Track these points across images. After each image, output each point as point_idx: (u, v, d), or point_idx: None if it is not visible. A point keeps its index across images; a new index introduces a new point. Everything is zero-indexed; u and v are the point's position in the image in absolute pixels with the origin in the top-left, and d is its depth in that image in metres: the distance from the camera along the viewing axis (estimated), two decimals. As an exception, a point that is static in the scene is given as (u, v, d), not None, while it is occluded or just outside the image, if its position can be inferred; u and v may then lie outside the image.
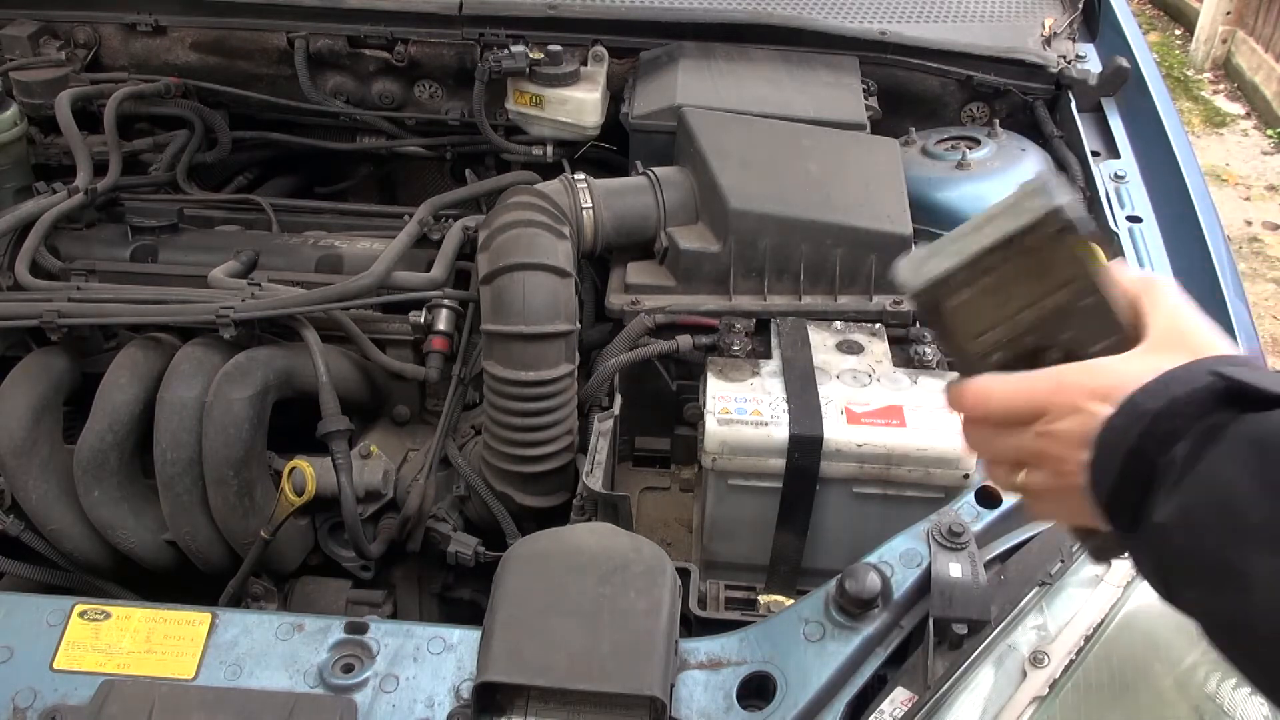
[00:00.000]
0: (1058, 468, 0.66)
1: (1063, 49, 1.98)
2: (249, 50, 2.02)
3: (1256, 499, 0.57)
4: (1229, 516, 0.58)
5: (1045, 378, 0.67)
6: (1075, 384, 0.66)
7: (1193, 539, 0.59)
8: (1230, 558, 0.57)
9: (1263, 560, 0.55)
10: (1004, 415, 0.69)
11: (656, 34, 1.93)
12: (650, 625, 0.98)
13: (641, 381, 1.48)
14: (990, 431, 0.71)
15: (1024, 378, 0.68)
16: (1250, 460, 0.58)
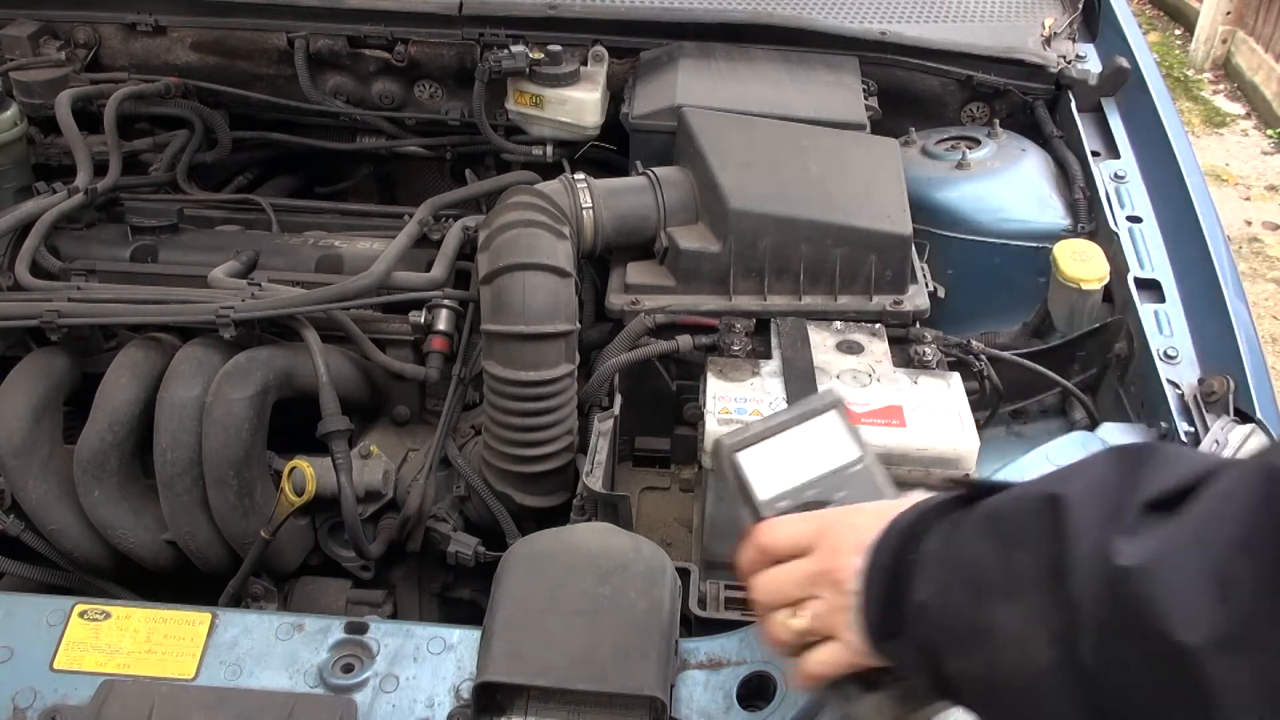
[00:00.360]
0: (833, 587, 0.75)
1: (1063, 49, 1.98)
2: (249, 50, 2.02)
3: (992, 559, 0.65)
4: (972, 579, 0.66)
5: (825, 511, 0.81)
6: (850, 514, 0.79)
7: (947, 609, 0.68)
8: (979, 616, 0.65)
9: (1004, 609, 0.63)
10: (789, 542, 0.80)
11: (656, 34, 1.93)
12: (650, 625, 0.98)
13: (641, 381, 1.48)
14: (774, 567, 0.80)
15: (807, 514, 0.82)
16: (984, 530, 0.67)
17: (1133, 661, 0.57)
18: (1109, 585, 0.57)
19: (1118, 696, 0.58)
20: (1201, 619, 0.53)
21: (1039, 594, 0.62)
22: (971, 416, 1.24)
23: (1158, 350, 1.38)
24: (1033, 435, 1.52)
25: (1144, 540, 0.57)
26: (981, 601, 0.65)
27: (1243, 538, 0.53)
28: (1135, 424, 1.32)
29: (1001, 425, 1.53)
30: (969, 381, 1.36)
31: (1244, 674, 0.52)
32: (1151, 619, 0.55)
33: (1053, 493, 0.63)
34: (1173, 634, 0.54)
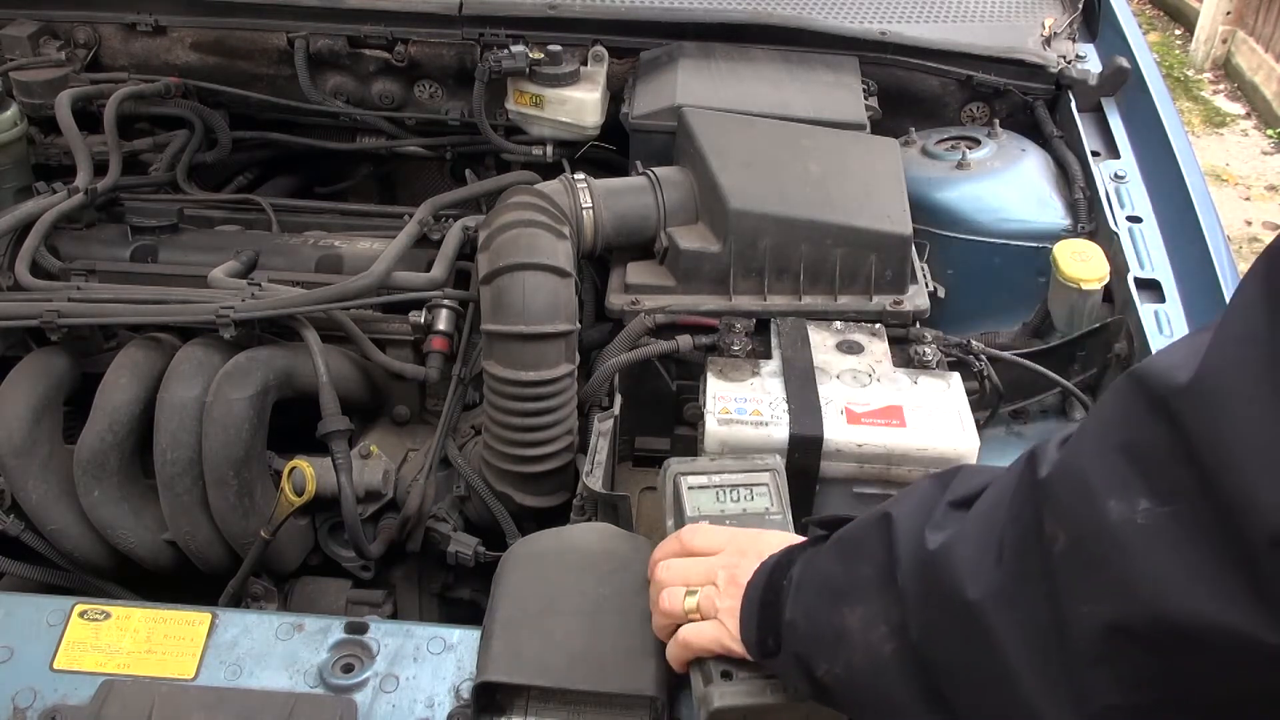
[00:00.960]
0: (729, 582, 0.89)
1: (1063, 49, 1.98)
2: (249, 50, 2.02)
3: (840, 573, 0.78)
4: (826, 592, 0.79)
5: (743, 530, 0.97)
6: (762, 535, 0.94)
7: (810, 621, 0.79)
8: (834, 621, 0.77)
9: (852, 613, 0.75)
10: (706, 541, 0.95)
11: (656, 34, 1.93)
12: (650, 625, 0.98)
13: (641, 381, 1.48)
14: (688, 559, 0.95)
15: (728, 527, 0.99)
16: (835, 552, 0.81)
17: (943, 626, 0.68)
18: (922, 568, 0.70)
19: (938, 663, 0.69)
20: (981, 577, 0.64)
21: (878, 594, 0.74)
22: (971, 416, 1.24)
23: (1158, 350, 1.38)
24: (1033, 435, 1.52)
25: (946, 529, 0.70)
26: (835, 610, 0.77)
27: (1012, 514, 0.64)
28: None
29: (1001, 425, 1.53)
30: (969, 381, 1.36)
31: (1015, 619, 0.62)
32: (950, 585, 0.66)
33: (885, 512, 0.77)
34: (964, 593, 0.65)
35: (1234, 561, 0.51)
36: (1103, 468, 0.58)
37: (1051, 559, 0.60)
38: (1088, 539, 0.58)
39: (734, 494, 1.07)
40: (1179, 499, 0.54)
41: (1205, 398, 0.53)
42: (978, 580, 0.64)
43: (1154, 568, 0.54)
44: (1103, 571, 0.57)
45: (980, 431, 1.23)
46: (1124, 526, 0.55)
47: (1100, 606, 0.57)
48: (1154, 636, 0.55)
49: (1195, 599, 0.52)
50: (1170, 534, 0.54)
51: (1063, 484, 0.61)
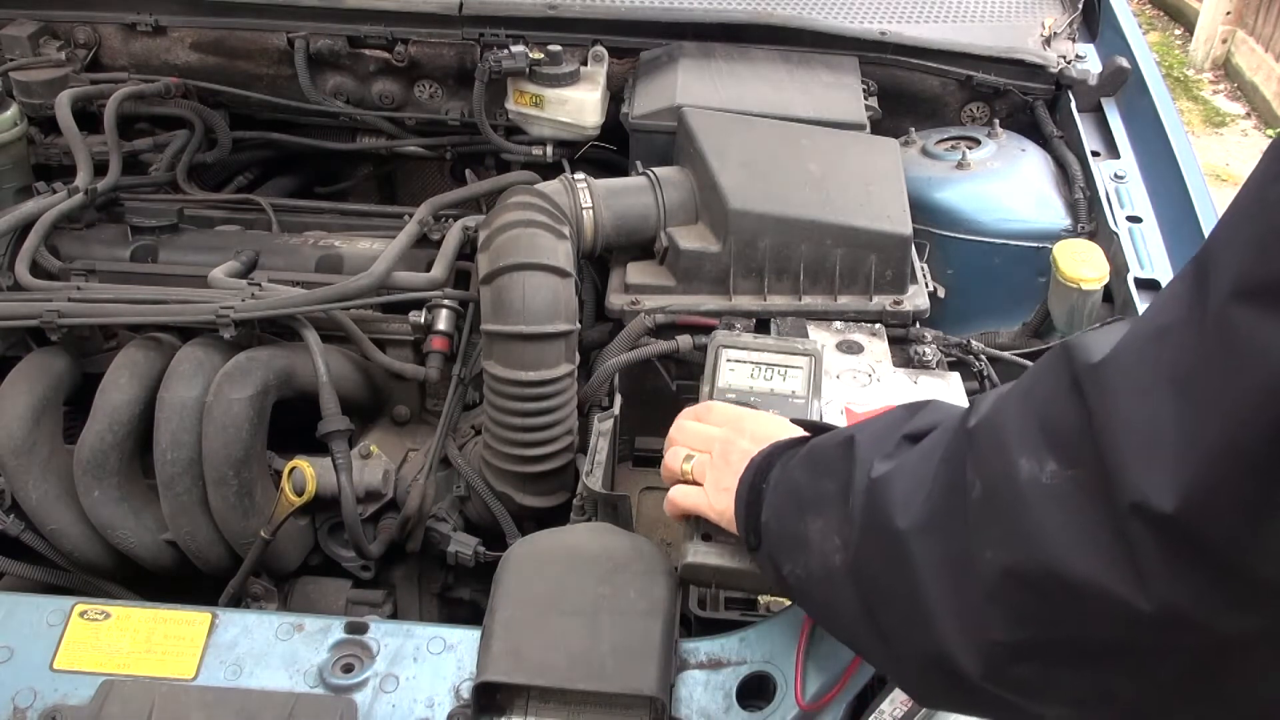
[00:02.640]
0: (721, 457, 0.97)
1: (1063, 49, 1.98)
2: (249, 50, 2.02)
3: (807, 485, 0.84)
4: (794, 500, 0.85)
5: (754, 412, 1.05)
6: (766, 419, 1.01)
7: (780, 525, 0.87)
8: (798, 528, 0.83)
9: (813, 523, 0.81)
10: (719, 415, 1.04)
11: (656, 34, 1.93)
12: (650, 625, 0.98)
13: (641, 381, 1.48)
14: (698, 425, 1.04)
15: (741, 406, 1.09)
16: (805, 463, 0.87)
17: (875, 549, 0.74)
18: (867, 494, 0.75)
19: (871, 583, 0.75)
20: (910, 510, 0.70)
21: (835, 510, 0.79)
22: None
23: (1158, 350, 1.37)
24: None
25: (893, 460, 0.75)
26: (800, 517, 0.83)
27: (944, 455, 0.70)
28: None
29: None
30: (969, 381, 1.36)
31: (933, 552, 0.68)
32: (884, 512, 0.72)
33: (851, 435, 0.82)
34: (893, 522, 0.71)
35: (1112, 530, 0.56)
36: (1020, 428, 0.63)
37: (968, 503, 0.66)
38: (999, 490, 0.63)
39: (767, 373, 1.19)
40: (1079, 466, 0.59)
41: (1108, 380, 0.58)
42: (907, 511, 0.70)
43: (1050, 524, 0.59)
44: (1006, 521, 0.62)
45: (980, 431, 1.23)
46: (1031, 484, 0.60)
47: (1000, 552, 0.62)
48: (1042, 584, 0.60)
49: (1080, 557, 0.57)
50: (1068, 497, 0.59)
51: (985, 436, 0.66)
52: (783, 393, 1.18)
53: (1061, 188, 1.75)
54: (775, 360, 1.21)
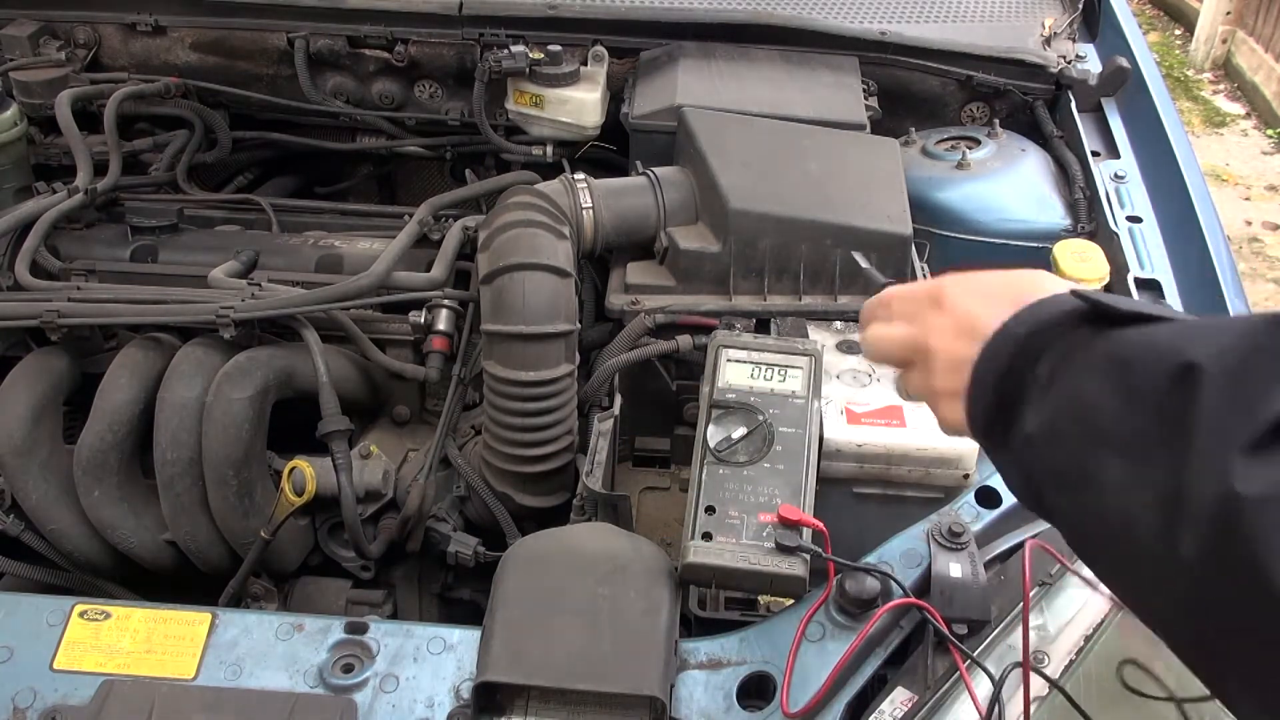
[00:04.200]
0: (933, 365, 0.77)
1: (1063, 49, 1.98)
2: (249, 50, 2.02)
3: (1110, 410, 0.61)
4: (1087, 424, 0.62)
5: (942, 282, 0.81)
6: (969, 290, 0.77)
7: (1056, 447, 0.65)
8: (1087, 463, 0.62)
9: (1114, 464, 0.59)
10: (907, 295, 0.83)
11: (656, 34, 1.93)
12: (650, 625, 0.98)
13: (642, 381, 1.48)
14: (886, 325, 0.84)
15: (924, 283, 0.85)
16: (1109, 373, 0.62)
17: (1233, 603, 0.53)
18: (1223, 510, 0.52)
19: (1217, 631, 0.55)
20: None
21: (1154, 463, 0.57)
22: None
23: (1158, 350, 1.37)
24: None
25: (1268, 465, 0.51)
26: (1093, 450, 0.62)
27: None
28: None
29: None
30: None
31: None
32: (1251, 559, 0.50)
33: (1191, 361, 0.57)
34: (1272, 583, 0.49)
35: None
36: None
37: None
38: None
39: (767, 373, 1.19)
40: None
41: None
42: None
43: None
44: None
45: (980, 431, 1.23)
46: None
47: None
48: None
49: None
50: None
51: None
52: (783, 393, 1.18)
53: (1061, 188, 1.75)
54: (775, 360, 1.21)
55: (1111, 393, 0.61)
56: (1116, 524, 0.60)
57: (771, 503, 1.09)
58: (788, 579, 1.04)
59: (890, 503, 1.24)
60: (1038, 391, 0.67)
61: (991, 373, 0.70)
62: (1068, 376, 0.65)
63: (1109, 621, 1.03)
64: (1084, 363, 0.65)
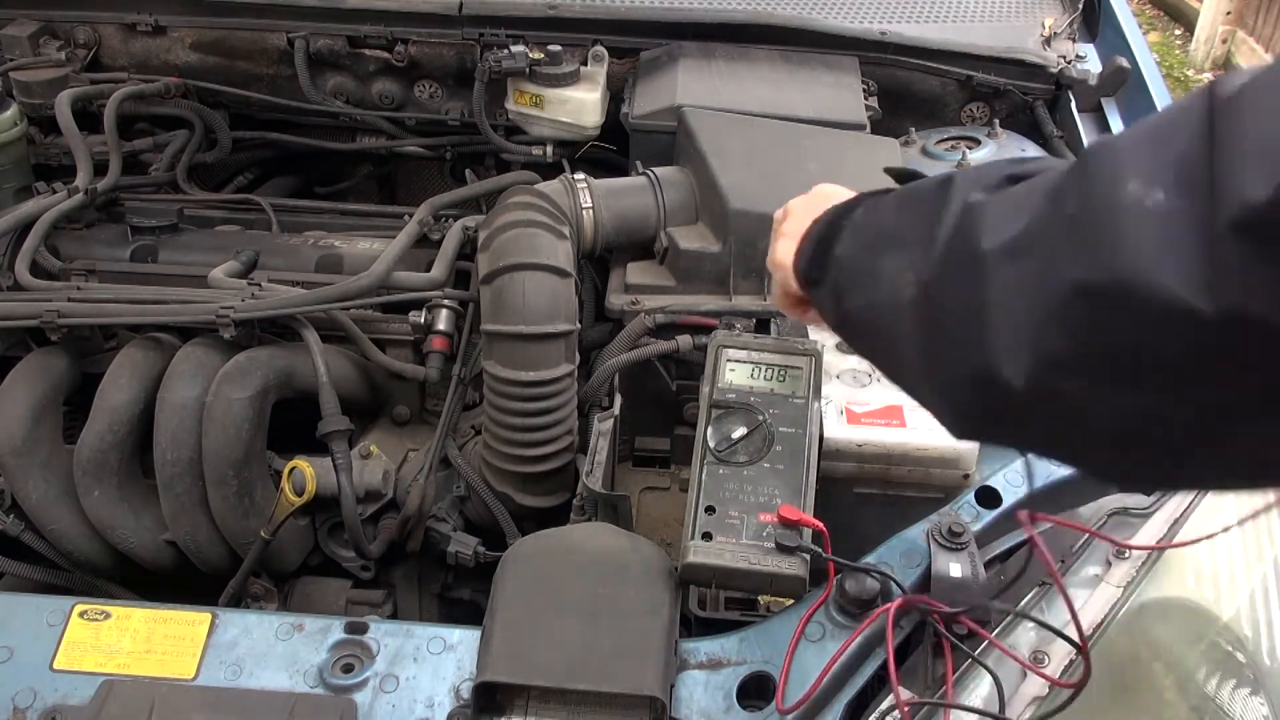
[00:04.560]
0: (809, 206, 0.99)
1: (1063, 49, 1.98)
2: (249, 50, 2.02)
3: (892, 222, 0.84)
4: (875, 236, 0.86)
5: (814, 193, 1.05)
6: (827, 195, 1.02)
7: (854, 259, 0.88)
8: (873, 262, 0.84)
9: (890, 257, 0.81)
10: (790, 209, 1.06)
11: (656, 34, 1.93)
12: (650, 625, 0.98)
13: (641, 381, 1.48)
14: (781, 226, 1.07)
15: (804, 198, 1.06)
16: (894, 203, 0.86)
17: (953, 270, 0.74)
18: (959, 218, 0.75)
19: (936, 309, 0.75)
20: (998, 233, 0.70)
21: (917, 245, 0.78)
22: (971, 416, 1.24)
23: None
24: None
25: (994, 192, 0.74)
26: (878, 253, 0.84)
27: (1048, 188, 0.69)
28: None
29: (1001, 425, 1.53)
30: (969, 381, 1.36)
31: (1010, 271, 0.68)
32: (972, 235, 0.72)
33: (950, 175, 0.80)
34: (980, 243, 0.71)
35: (1201, 247, 0.57)
36: (1136, 155, 0.63)
37: (1059, 222, 0.66)
38: (1097, 209, 0.63)
39: (767, 372, 1.21)
40: (1189, 197, 0.58)
41: (1238, 106, 0.58)
42: (995, 234, 0.70)
43: (1140, 240, 0.60)
44: (1094, 238, 0.62)
45: (980, 431, 1.23)
46: (1133, 205, 0.61)
47: (1077, 267, 0.63)
48: (1111, 296, 0.61)
49: (1158, 269, 0.58)
50: (1166, 219, 0.59)
51: (1100, 157, 0.65)
52: (783, 393, 1.18)
53: (1061, 188, 1.75)
54: (775, 360, 1.21)
55: (894, 213, 0.86)
56: (887, 300, 0.80)
57: (771, 503, 1.09)
58: (788, 579, 1.04)
59: (890, 503, 1.24)
60: (849, 230, 0.90)
61: (816, 229, 0.95)
62: (868, 214, 0.89)
63: (1109, 621, 1.03)
64: (879, 201, 0.90)
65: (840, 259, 0.90)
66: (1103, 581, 1.07)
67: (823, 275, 0.92)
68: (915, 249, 0.78)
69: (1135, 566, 1.07)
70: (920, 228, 0.79)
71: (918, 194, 0.84)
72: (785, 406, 1.17)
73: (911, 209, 0.83)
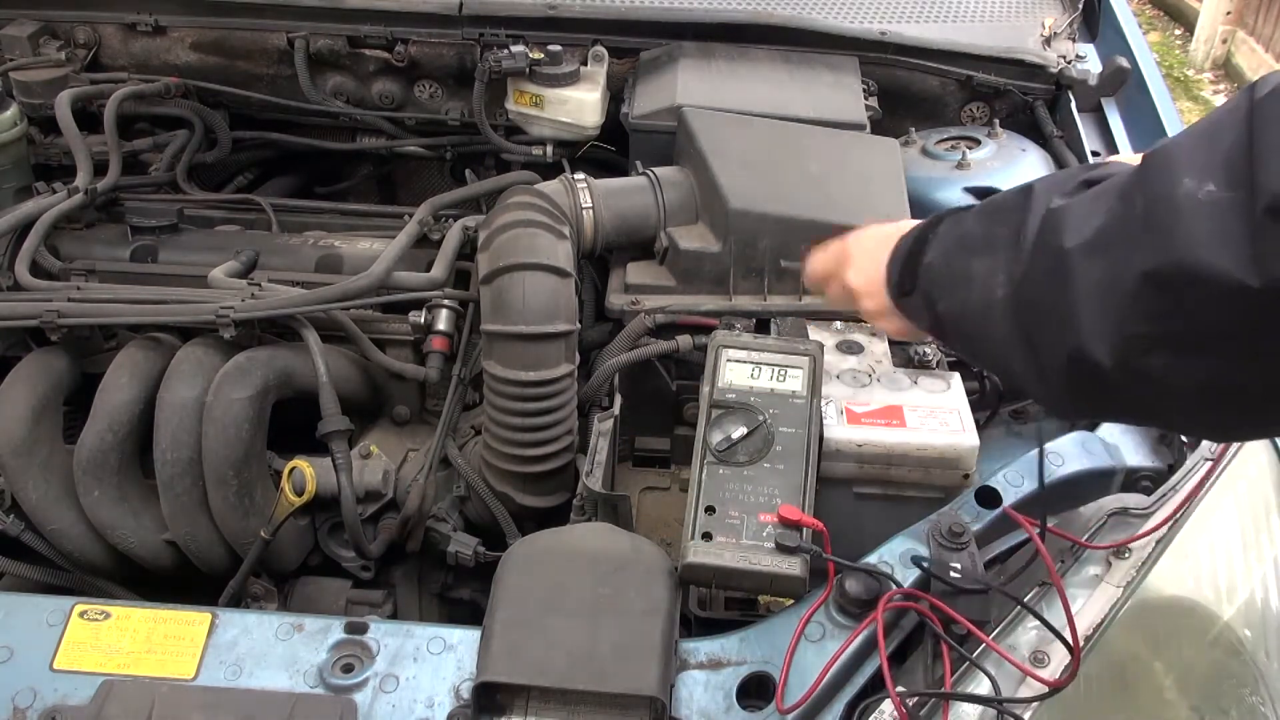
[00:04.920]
0: (875, 240, 1.10)
1: (1063, 49, 1.98)
2: (249, 50, 2.02)
3: (980, 230, 0.93)
4: (964, 245, 0.94)
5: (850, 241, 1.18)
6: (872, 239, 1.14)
7: (944, 265, 0.96)
8: (964, 267, 0.92)
9: (980, 261, 0.90)
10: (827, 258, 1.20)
11: (656, 34, 1.93)
12: (650, 625, 0.98)
13: (641, 381, 1.48)
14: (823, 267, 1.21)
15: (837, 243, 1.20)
16: (979, 213, 0.95)
17: (1040, 268, 0.82)
18: (1043, 222, 0.83)
19: (1029, 305, 0.83)
20: (1080, 232, 0.78)
21: (1005, 249, 0.87)
22: (971, 416, 1.24)
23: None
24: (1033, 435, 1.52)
25: (1072, 196, 0.83)
26: (968, 258, 0.92)
27: (1120, 189, 0.77)
28: (1135, 424, 1.32)
29: (1001, 425, 1.53)
30: (969, 381, 1.36)
31: (1093, 266, 0.76)
32: (1055, 236, 0.80)
33: (1030, 184, 0.89)
34: (1062, 243, 0.79)
35: (1247, 230, 0.65)
36: (1190, 154, 0.71)
37: (1130, 218, 0.74)
38: (1158, 205, 0.72)
39: (767, 372, 1.21)
40: (1236, 189, 0.67)
41: (1271, 104, 0.67)
42: (1077, 234, 0.78)
43: (1194, 228, 0.68)
44: (1157, 228, 0.71)
45: (980, 431, 1.23)
46: (1187, 199, 0.69)
47: (1146, 255, 0.71)
48: (1174, 281, 0.70)
49: (1212, 252, 0.67)
50: (1218, 210, 0.67)
51: (1157, 160, 0.74)
52: (783, 393, 1.18)
53: (1061, 188, 1.75)
54: (775, 360, 1.22)
55: (980, 222, 0.93)
56: (980, 301, 0.89)
57: (771, 503, 1.09)
58: (787, 579, 1.04)
59: (890, 503, 1.24)
60: (935, 241, 0.98)
61: (904, 243, 1.03)
62: (954, 226, 0.97)
63: (1109, 621, 1.03)
64: (962, 214, 0.97)
65: (931, 266, 0.98)
66: (1103, 581, 1.07)
67: (914, 284, 1.00)
68: (1003, 252, 0.87)
69: (1135, 566, 1.07)
70: (1006, 233, 0.87)
71: (1001, 203, 0.92)
72: (785, 406, 1.17)
73: (996, 217, 0.91)
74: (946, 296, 0.95)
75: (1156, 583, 1.07)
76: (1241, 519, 1.14)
